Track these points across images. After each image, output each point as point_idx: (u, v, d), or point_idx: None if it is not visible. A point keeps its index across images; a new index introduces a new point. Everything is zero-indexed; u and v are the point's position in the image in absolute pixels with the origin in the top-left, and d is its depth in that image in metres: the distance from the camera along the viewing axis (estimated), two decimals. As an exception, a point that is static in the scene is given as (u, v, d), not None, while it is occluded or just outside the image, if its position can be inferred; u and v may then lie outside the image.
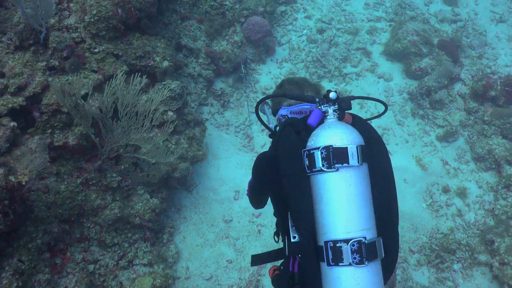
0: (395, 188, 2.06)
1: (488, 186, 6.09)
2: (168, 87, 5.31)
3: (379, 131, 6.44)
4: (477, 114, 6.48)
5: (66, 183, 4.77)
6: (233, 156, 6.19)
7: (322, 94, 2.29)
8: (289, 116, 2.25)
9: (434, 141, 6.45)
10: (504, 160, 6.01)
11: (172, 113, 5.42)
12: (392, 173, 2.07)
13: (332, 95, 2.00)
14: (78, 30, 5.26)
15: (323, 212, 1.84)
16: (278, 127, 2.34)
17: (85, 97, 4.90)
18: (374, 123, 6.40)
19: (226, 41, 6.77)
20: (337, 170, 1.80)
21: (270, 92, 6.48)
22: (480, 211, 5.93)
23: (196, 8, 6.67)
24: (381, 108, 6.66)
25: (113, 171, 5.11)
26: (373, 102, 6.67)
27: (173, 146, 5.49)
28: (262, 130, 6.43)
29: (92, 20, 5.12)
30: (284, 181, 1.97)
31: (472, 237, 5.74)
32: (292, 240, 1.97)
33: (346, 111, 2.00)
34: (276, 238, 2.35)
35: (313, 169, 1.85)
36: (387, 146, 6.41)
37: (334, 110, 1.99)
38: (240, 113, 6.53)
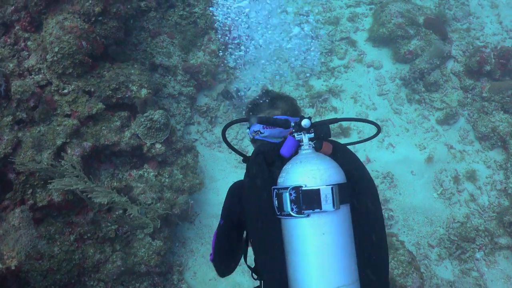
0: (384, 229, 1.76)
1: (496, 165, 5.89)
2: (151, 118, 4.86)
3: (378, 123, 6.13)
4: (475, 91, 6.23)
5: (58, 243, 4.34)
6: (230, 176, 5.81)
7: (299, 111, 2.08)
8: (262, 131, 1.97)
9: (435, 126, 6.19)
10: (510, 136, 5.80)
11: (160, 145, 4.99)
12: (381, 211, 1.78)
13: (304, 123, 1.73)
14: (42, 71, 4.74)
15: (293, 264, 1.58)
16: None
17: (62, 146, 4.44)
18: (372, 116, 6.14)
19: (202, 52, 6.29)
20: (308, 216, 1.53)
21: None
22: (492, 192, 5.74)
23: (165, 21, 6.15)
24: (376, 99, 6.34)
25: (108, 220, 4.69)
26: (367, 92, 6.35)
27: (167, 180, 5.08)
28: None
29: (55, 58, 4.59)
30: (249, 224, 1.71)
31: (489, 221, 5.56)
32: None
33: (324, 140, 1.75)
34: (255, 276, 1.98)
35: (282, 212, 1.58)
36: (388, 138, 6.16)
37: (310, 139, 1.73)
38: (231, 128, 6.12)
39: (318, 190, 1.52)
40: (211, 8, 6.05)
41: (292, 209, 1.54)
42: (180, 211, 5.00)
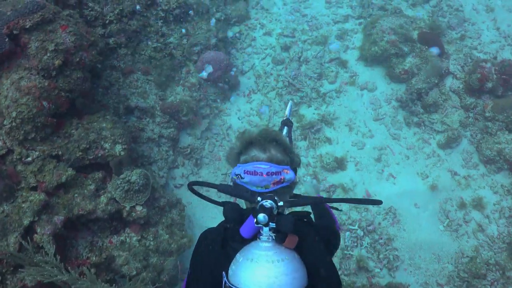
0: None
1: (504, 190, 5.53)
2: (129, 180, 4.37)
3: (374, 153, 5.72)
4: (476, 109, 5.81)
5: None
6: (221, 223, 5.36)
7: (290, 151, 1.85)
8: (243, 176, 1.74)
9: (437, 150, 5.78)
10: (517, 159, 5.43)
11: (141, 207, 4.51)
12: None
13: (260, 218, 1.50)
14: (1, 137, 4.20)
15: None
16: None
17: (30, 225, 3.95)
18: (369, 144, 5.71)
19: (181, 87, 5.77)
20: None
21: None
22: (501, 220, 5.39)
23: (138, 56, 5.60)
24: (372, 125, 5.90)
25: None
26: (362, 118, 5.90)
27: (152, 243, 4.62)
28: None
29: (14, 124, 4.05)
30: None
31: (499, 253, 5.22)
32: None
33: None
34: None
35: None
36: (387, 168, 5.74)
37: (271, 230, 1.51)
38: (218, 169, 5.66)
39: None
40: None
41: None
42: (168, 277, 4.56)
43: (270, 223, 1.51)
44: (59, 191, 4.22)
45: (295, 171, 1.82)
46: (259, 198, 1.59)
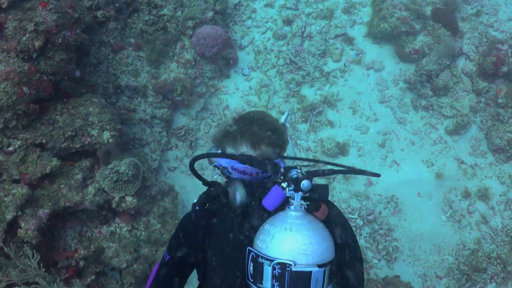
0: None
1: (511, 180, 5.30)
2: (117, 171, 4.13)
3: (378, 138, 5.45)
4: (489, 94, 5.47)
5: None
6: (216, 209, 5.18)
7: (286, 140, 1.81)
8: (230, 171, 1.71)
9: (444, 136, 5.50)
10: (528, 149, 5.16)
11: (131, 198, 4.30)
12: None
13: (305, 185, 1.47)
14: (-21, 125, 3.92)
15: None
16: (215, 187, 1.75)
17: (15, 220, 3.76)
18: (373, 129, 5.43)
19: (175, 63, 5.40)
20: None
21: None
22: (506, 212, 5.20)
23: (128, 30, 5.19)
24: (377, 108, 5.58)
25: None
26: (367, 100, 5.58)
27: (143, 233, 4.46)
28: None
29: (-8, 112, 3.77)
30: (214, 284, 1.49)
31: (502, 246, 5.08)
32: None
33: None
34: None
35: (258, 285, 1.39)
36: (391, 154, 5.49)
37: (303, 198, 1.48)
38: (214, 152, 5.39)
39: (310, 273, 1.33)
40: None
41: (273, 286, 1.35)
42: (161, 269, 4.43)
43: (302, 192, 1.48)
44: (43, 181, 4.00)
45: (284, 151, 1.81)
46: (282, 170, 1.55)
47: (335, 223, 1.57)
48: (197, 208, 1.76)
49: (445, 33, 5.49)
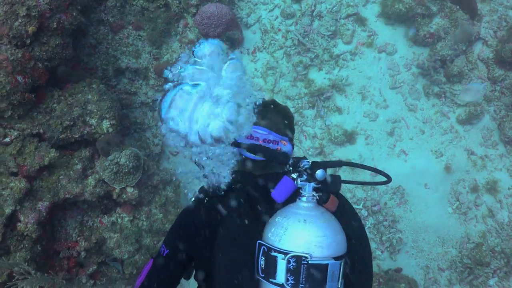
0: None
1: (521, 173, 5.17)
2: (117, 162, 4.01)
3: (387, 126, 5.27)
4: (504, 83, 5.22)
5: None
6: (219, 196, 5.10)
7: (290, 121, 1.74)
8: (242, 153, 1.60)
9: (455, 125, 5.31)
10: (541, 142, 4.99)
11: (132, 189, 4.20)
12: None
13: (320, 174, 1.44)
14: (-26, 115, 3.76)
15: None
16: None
17: (14, 214, 3.68)
18: (382, 116, 5.25)
19: (178, 43, 5.14)
20: None
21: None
22: (513, 206, 5.11)
23: (129, 7, 4.91)
24: (388, 94, 5.37)
25: (81, 278, 4.14)
26: (378, 85, 5.35)
27: (145, 223, 4.40)
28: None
29: (-14, 102, 3.60)
30: (217, 281, 1.41)
31: (507, 240, 5.02)
32: None
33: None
34: None
35: (270, 280, 1.30)
36: (400, 143, 5.33)
37: (314, 189, 1.42)
38: (217, 137, 5.24)
39: (327, 266, 1.27)
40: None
41: (287, 281, 1.27)
42: (162, 260, 4.40)
43: (315, 183, 1.43)
44: (42, 173, 3.89)
45: (292, 147, 1.71)
46: (291, 160, 1.49)
47: (345, 215, 1.51)
48: (205, 201, 1.65)
49: (463, 16, 5.17)
